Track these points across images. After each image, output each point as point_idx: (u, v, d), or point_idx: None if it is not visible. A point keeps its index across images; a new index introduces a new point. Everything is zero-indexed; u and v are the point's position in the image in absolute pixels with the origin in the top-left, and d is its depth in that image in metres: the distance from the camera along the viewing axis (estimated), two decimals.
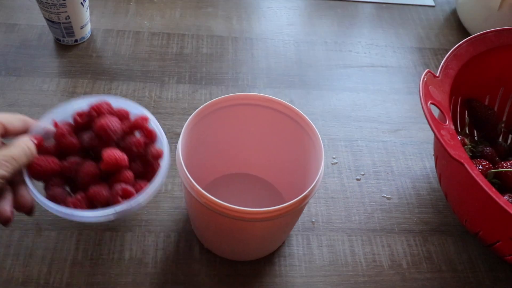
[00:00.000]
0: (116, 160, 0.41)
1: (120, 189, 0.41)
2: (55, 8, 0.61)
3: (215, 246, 0.48)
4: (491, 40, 0.54)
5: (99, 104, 0.45)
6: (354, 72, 0.71)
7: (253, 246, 0.46)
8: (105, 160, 0.41)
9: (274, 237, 0.46)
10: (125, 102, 0.47)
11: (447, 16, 0.84)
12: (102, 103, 0.45)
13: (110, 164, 0.41)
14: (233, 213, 0.37)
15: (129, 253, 0.48)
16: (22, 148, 0.39)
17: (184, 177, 0.40)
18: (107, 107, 0.45)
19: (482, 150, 0.55)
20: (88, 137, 0.44)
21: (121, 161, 0.42)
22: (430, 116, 0.43)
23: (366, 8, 0.84)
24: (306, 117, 0.45)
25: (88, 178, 0.42)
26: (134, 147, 0.44)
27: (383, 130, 0.63)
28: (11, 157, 0.37)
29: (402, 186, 0.57)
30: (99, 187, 0.42)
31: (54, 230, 0.48)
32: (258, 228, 0.42)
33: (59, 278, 0.45)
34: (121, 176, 0.42)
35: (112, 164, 0.41)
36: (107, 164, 0.41)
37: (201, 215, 0.43)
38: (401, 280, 0.49)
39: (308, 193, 0.39)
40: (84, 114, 0.45)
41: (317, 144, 0.44)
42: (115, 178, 0.42)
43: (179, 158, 0.40)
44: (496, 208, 0.39)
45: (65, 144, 0.43)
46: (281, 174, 0.53)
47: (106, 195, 0.41)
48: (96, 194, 0.41)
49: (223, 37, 0.73)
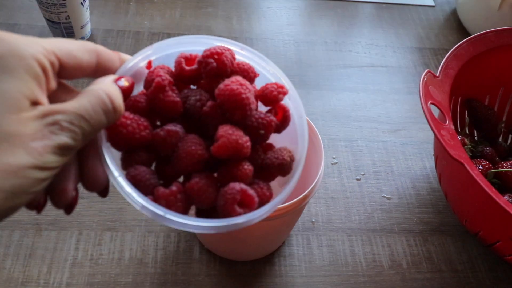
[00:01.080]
0: (236, 147, 0.27)
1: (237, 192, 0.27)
2: (55, 8, 0.61)
3: (215, 246, 0.48)
4: (491, 40, 0.54)
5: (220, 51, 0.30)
6: (354, 72, 0.71)
7: (253, 246, 0.46)
8: (222, 144, 0.27)
9: (274, 237, 0.46)
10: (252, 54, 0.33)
11: (447, 16, 0.84)
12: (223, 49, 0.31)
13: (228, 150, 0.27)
14: None
15: (129, 253, 0.48)
16: (100, 100, 0.25)
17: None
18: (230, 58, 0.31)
19: (482, 150, 0.56)
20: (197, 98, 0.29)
21: (242, 148, 0.28)
22: (430, 116, 0.43)
23: (366, 8, 0.83)
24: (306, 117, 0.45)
25: (191, 162, 0.28)
26: (262, 130, 0.29)
27: (383, 130, 0.63)
28: (78, 115, 0.23)
29: (402, 186, 0.57)
30: (206, 180, 0.28)
31: (54, 230, 0.48)
32: (258, 228, 0.42)
33: (59, 278, 0.45)
34: (238, 170, 0.28)
35: (230, 151, 0.27)
36: (223, 149, 0.27)
37: None
38: (401, 280, 0.49)
39: (308, 193, 0.39)
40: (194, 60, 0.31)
41: (317, 144, 0.44)
42: (227, 171, 0.28)
43: None
44: (496, 208, 0.39)
45: (163, 103, 0.28)
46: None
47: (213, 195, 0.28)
48: (199, 191, 0.27)
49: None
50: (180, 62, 0.30)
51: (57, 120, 0.23)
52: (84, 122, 0.23)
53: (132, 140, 0.27)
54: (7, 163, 0.21)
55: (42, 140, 0.22)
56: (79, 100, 0.24)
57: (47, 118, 0.23)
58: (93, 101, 0.24)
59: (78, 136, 0.23)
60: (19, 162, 0.21)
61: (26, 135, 0.22)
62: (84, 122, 0.23)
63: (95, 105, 0.24)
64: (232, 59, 0.31)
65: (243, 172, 0.28)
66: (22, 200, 0.22)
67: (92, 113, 0.24)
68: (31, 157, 0.22)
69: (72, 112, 0.23)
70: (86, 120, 0.24)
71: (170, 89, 0.29)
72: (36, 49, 0.24)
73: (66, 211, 0.27)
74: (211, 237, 0.46)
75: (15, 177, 0.21)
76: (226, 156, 0.28)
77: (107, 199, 0.51)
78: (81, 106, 0.24)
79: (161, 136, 0.28)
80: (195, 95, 0.29)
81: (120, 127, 0.27)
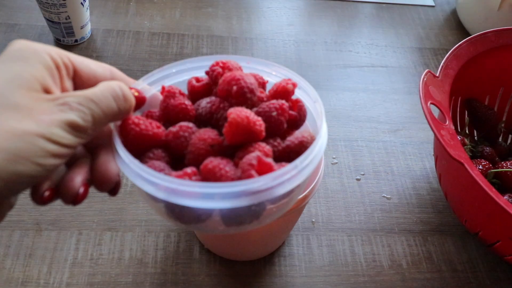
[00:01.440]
0: (248, 124, 0.26)
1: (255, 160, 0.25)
2: (55, 8, 0.61)
3: (215, 246, 0.48)
4: (491, 40, 0.54)
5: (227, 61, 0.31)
6: (354, 72, 0.71)
7: (253, 246, 0.46)
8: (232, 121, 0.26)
9: (274, 237, 0.46)
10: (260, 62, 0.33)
11: (447, 16, 0.84)
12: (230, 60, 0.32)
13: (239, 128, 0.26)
14: None
15: (129, 253, 0.48)
16: (110, 88, 0.26)
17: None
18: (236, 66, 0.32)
19: (482, 150, 0.56)
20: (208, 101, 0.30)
21: (254, 126, 0.27)
22: (430, 116, 0.43)
23: (366, 8, 0.84)
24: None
25: (204, 148, 0.27)
26: (275, 112, 0.29)
27: (383, 130, 0.63)
28: (87, 97, 0.24)
29: (402, 186, 0.57)
30: (220, 160, 0.26)
31: (54, 230, 0.48)
32: (258, 229, 0.42)
33: (59, 278, 0.45)
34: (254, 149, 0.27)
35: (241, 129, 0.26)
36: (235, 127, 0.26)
37: None
38: (401, 280, 0.49)
39: (308, 193, 0.39)
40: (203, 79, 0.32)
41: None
42: (243, 153, 0.27)
43: None
44: (496, 208, 0.39)
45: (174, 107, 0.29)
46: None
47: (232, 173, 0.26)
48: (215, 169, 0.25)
49: (223, 37, 0.73)
50: (191, 81, 0.31)
51: (66, 101, 0.24)
52: (93, 104, 0.24)
53: (146, 138, 0.27)
54: (13, 127, 0.22)
55: (50, 115, 0.23)
56: (91, 88, 0.25)
57: (57, 100, 0.24)
58: (103, 89, 0.25)
59: (87, 117, 0.24)
60: (26, 128, 0.22)
61: (35, 109, 0.23)
62: (93, 104, 0.24)
63: (105, 91, 0.25)
64: (239, 67, 0.32)
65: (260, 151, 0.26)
66: (26, 169, 0.22)
67: (101, 97, 0.25)
68: (38, 126, 0.22)
69: (82, 95, 0.24)
70: (95, 103, 0.24)
71: (180, 95, 0.29)
72: (50, 48, 0.25)
73: (72, 203, 0.27)
74: (211, 237, 0.46)
75: (20, 140, 0.21)
76: (238, 137, 0.27)
77: (107, 199, 0.51)
78: (91, 91, 0.25)
79: (174, 131, 0.28)
80: (206, 100, 0.30)
81: (132, 125, 0.27)
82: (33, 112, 0.22)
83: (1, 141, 0.21)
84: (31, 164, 0.22)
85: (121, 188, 0.51)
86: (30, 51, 0.24)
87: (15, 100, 0.22)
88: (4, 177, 0.21)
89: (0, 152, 0.21)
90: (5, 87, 0.23)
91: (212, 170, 0.25)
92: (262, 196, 0.25)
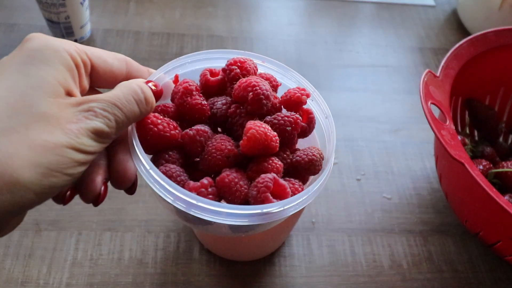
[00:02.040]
0: (266, 140, 0.27)
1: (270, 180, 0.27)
2: (54, 8, 0.61)
3: (215, 246, 0.48)
4: (491, 40, 0.54)
5: (243, 60, 0.31)
6: (354, 72, 0.71)
7: (253, 246, 0.46)
8: (251, 136, 0.27)
9: (274, 237, 0.46)
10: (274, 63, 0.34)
11: (447, 16, 0.84)
12: (248, 60, 0.32)
13: (257, 143, 0.27)
14: None
15: (129, 253, 0.47)
16: (132, 90, 0.26)
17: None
18: (253, 67, 0.31)
19: (483, 150, 0.55)
20: (223, 103, 0.30)
21: (271, 142, 0.28)
22: (430, 116, 0.42)
23: (366, 8, 0.83)
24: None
25: (221, 157, 0.28)
26: (289, 126, 0.29)
27: (383, 130, 0.63)
28: (112, 102, 0.24)
29: (403, 186, 0.57)
30: (236, 174, 0.27)
31: (54, 230, 0.48)
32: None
33: (59, 278, 0.45)
34: (268, 165, 0.28)
35: (258, 144, 0.27)
36: (253, 142, 0.27)
37: None
38: (401, 280, 0.49)
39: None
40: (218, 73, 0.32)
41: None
42: (257, 166, 0.28)
43: None
44: (496, 208, 0.39)
45: (191, 106, 0.29)
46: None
47: (245, 189, 0.27)
48: (231, 183, 0.26)
49: (223, 37, 0.73)
50: (205, 74, 0.32)
51: (91, 107, 0.24)
52: (117, 109, 0.25)
53: (163, 139, 0.28)
54: (46, 140, 0.22)
55: (77, 123, 0.23)
56: (113, 91, 0.25)
57: (82, 105, 0.24)
58: (126, 91, 0.25)
59: (111, 123, 0.24)
60: (57, 140, 0.22)
61: (63, 117, 0.23)
62: (117, 109, 0.24)
63: (128, 94, 0.25)
64: (255, 68, 0.32)
65: (273, 166, 0.28)
66: (58, 180, 0.22)
67: (124, 101, 0.25)
68: (67, 137, 0.23)
69: (106, 100, 0.24)
70: (119, 108, 0.25)
71: (197, 94, 0.30)
72: (69, 46, 0.26)
73: (94, 204, 0.27)
74: (211, 237, 0.46)
75: (52, 154, 0.22)
76: (255, 150, 0.28)
77: (107, 199, 0.51)
78: (114, 95, 0.25)
79: (190, 135, 0.28)
80: (221, 100, 0.31)
81: (151, 125, 0.27)
82: (61, 121, 0.23)
83: (35, 156, 0.21)
84: (63, 175, 0.22)
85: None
86: (50, 51, 0.24)
87: (43, 109, 0.23)
88: (38, 191, 0.22)
89: (35, 167, 0.21)
90: (33, 96, 0.23)
91: (228, 185, 0.26)
92: (274, 216, 0.26)
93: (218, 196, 0.27)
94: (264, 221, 0.26)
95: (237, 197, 0.27)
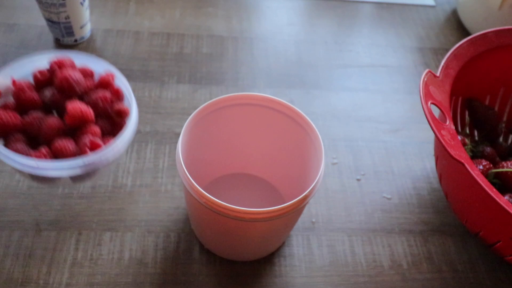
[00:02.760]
0: (81, 113, 0.39)
1: (88, 141, 0.39)
2: (54, 8, 0.61)
3: (215, 246, 0.48)
4: (491, 40, 0.54)
5: (61, 59, 0.43)
6: (354, 72, 0.71)
7: (253, 246, 0.46)
8: (70, 112, 0.39)
9: (274, 237, 0.46)
10: (89, 58, 0.45)
11: (447, 15, 0.84)
12: (64, 58, 0.43)
13: (75, 116, 0.39)
14: (233, 213, 0.37)
15: (128, 253, 0.47)
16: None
17: (184, 177, 0.39)
18: (69, 63, 0.43)
19: (483, 150, 0.55)
20: (50, 93, 0.41)
21: (87, 114, 0.40)
22: (430, 116, 0.42)
23: (366, 8, 0.83)
24: (306, 117, 0.45)
25: (52, 132, 0.39)
26: (100, 102, 0.41)
27: (383, 130, 0.63)
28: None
29: (403, 186, 0.57)
30: (65, 140, 0.39)
31: (54, 230, 0.48)
32: (258, 229, 0.42)
33: (59, 278, 0.45)
34: (87, 130, 0.40)
35: (77, 117, 0.39)
36: (72, 116, 0.39)
37: (201, 215, 0.43)
38: (401, 280, 0.49)
39: (308, 193, 0.39)
40: (45, 72, 0.43)
41: (317, 145, 0.44)
42: (81, 132, 0.40)
43: (179, 158, 0.40)
44: (496, 209, 0.39)
45: (25, 99, 0.40)
46: (281, 174, 0.52)
47: (73, 149, 0.39)
48: (61, 148, 0.38)
49: (223, 37, 0.73)
50: (36, 75, 0.43)
51: None
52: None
53: (7, 126, 0.39)
54: None
55: None
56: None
57: None
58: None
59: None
60: None
61: None
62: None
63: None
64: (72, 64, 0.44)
65: (92, 131, 0.40)
66: None
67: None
68: None
69: None
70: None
71: (29, 89, 0.41)
72: None
73: None
74: (211, 237, 0.46)
75: None
76: (76, 122, 0.39)
77: (106, 199, 0.51)
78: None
79: (28, 120, 0.40)
80: (49, 91, 0.42)
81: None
82: None
83: None
84: None
85: (120, 189, 0.51)
86: None
87: None
88: None
89: None
90: None
91: (60, 149, 0.38)
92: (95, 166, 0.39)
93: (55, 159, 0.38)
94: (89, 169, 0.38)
95: (67, 156, 0.37)
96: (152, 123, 0.59)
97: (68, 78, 0.40)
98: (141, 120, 0.59)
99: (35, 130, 0.40)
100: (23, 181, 0.51)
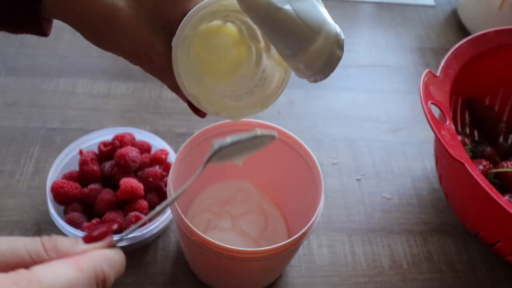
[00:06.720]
0: (132, 189, 0.44)
1: (133, 216, 0.43)
2: None
3: (209, 280, 0.46)
4: (491, 40, 0.54)
5: (123, 135, 0.49)
6: (354, 72, 0.71)
7: (249, 281, 0.45)
8: (122, 188, 0.44)
9: (270, 273, 0.45)
10: (148, 135, 0.51)
11: (447, 16, 0.84)
12: (126, 134, 0.49)
13: (126, 192, 0.44)
14: (226, 253, 0.36)
15: (129, 253, 0.47)
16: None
17: (176, 215, 0.38)
18: (130, 138, 0.49)
19: (483, 150, 0.55)
20: (109, 166, 0.47)
21: (137, 190, 0.44)
22: (430, 116, 0.42)
23: (366, 8, 0.83)
24: (305, 145, 0.44)
25: (105, 204, 0.45)
26: (151, 178, 0.46)
27: (383, 130, 0.63)
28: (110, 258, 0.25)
29: (403, 186, 0.57)
30: (114, 213, 0.44)
31: (54, 231, 0.48)
32: (253, 267, 0.41)
33: None
34: (136, 205, 0.45)
35: (128, 193, 0.44)
36: (123, 192, 0.44)
37: (194, 252, 0.42)
38: (401, 280, 0.49)
39: (306, 231, 0.38)
40: (108, 144, 0.49)
41: (314, 172, 0.43)
42: (130, 206, 0.45)
43: (170, 191, 0.39)
44: (496, 209, 0.39)
45: (87, 171, 0.47)
46: (282, 200, 0.50)
47: (120, 222, 0.44)
48: (110, 220, 0.43)
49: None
50: (100, 145, 0.49)
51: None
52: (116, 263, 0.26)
53: (68, 196, 0.45)
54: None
55: None
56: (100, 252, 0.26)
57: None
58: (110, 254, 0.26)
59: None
60: None
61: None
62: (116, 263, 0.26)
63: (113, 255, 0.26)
64: (132, 140, 0.50)
65: (139, 206, 0.45)
66: None
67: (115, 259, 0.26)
68: None
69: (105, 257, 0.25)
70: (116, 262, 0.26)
71: (92, 162, 0.47)
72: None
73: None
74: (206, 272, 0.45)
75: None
76: (127, 197, 0.44)
77: None
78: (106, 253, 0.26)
79: (86, 192, 0.46)
80: (109, 164, 0.48)
81: (59, 188, 0.45)
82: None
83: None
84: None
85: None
86: None
87: None
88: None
89: None
90: None
91: (108, 221, 0.43)
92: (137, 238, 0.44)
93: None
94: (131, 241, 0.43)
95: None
96: (152, 123, 0.59)
97: (125, 155, 0.46)
98: (141, 120, 0.59)
99: (92, 200, 0.45)
100: (23, 181, 0.51)
